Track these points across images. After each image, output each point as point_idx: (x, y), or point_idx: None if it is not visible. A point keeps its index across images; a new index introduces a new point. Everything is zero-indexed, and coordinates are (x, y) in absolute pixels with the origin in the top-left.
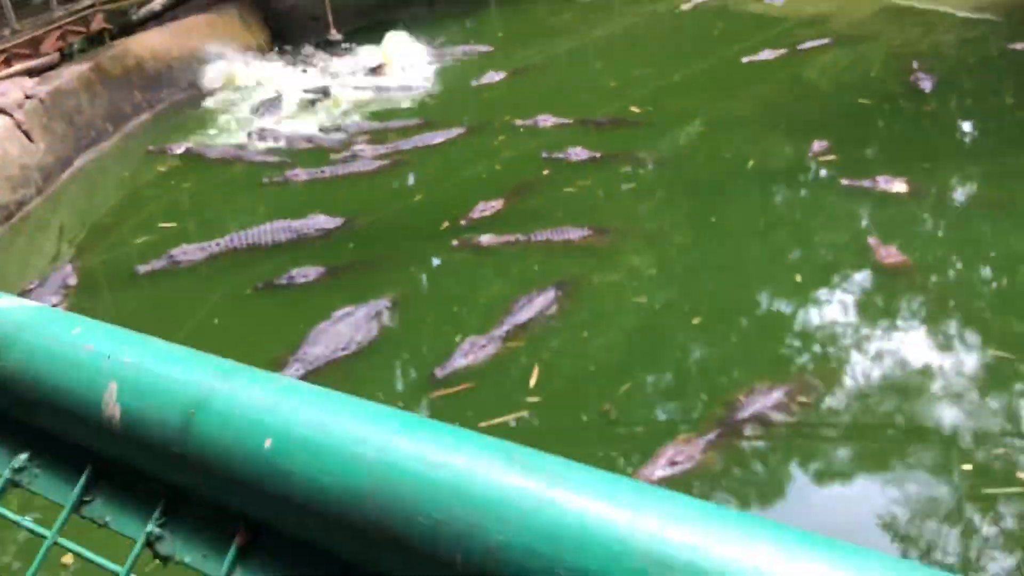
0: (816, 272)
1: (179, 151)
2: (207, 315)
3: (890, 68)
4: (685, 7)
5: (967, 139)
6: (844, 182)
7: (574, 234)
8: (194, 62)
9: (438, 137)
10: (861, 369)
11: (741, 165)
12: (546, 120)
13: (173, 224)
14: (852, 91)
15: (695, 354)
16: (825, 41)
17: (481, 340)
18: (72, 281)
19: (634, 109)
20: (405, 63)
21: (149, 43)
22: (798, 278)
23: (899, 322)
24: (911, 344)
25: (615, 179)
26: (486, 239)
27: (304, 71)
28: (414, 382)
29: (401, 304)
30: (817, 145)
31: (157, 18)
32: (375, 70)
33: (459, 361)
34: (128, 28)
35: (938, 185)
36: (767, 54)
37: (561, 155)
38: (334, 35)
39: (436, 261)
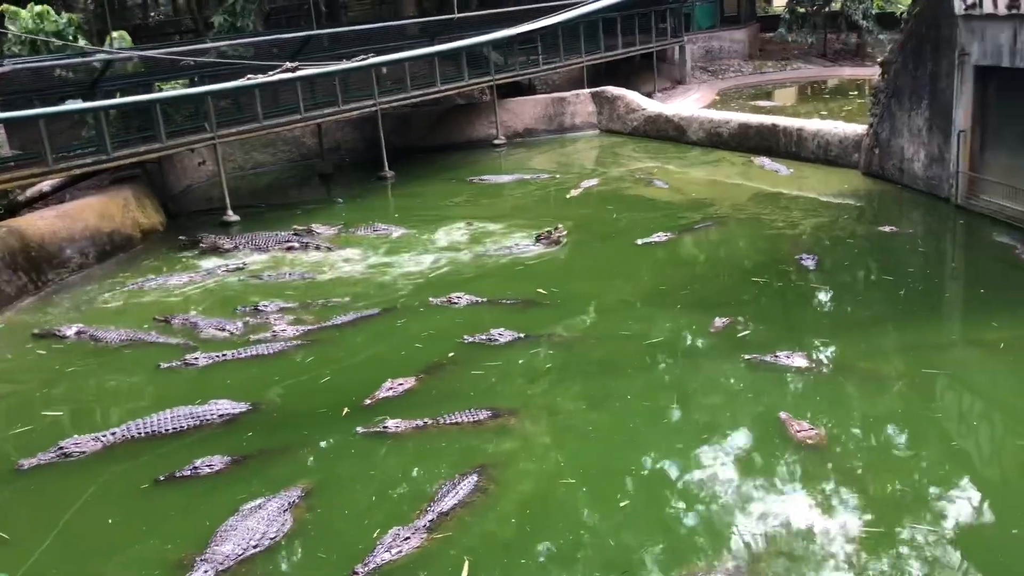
0: (737, 450)
1: (69, 333)
2: (101, 513)
3: (775, 248)
4: (574, 193)
5: (856, 316)
6: (747, 357)
7: (486, 415)
8: (86, 243)
9: (352, 316)
10: (803, 552)
11: (649, 342)
12: (460, 298)
13: (59, 412)
14: (744, 270)
15: (628, 539)
16: (712, 223)
17: (404, 531)
18: None
19: (540, 291)
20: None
21: (37, 224)
22: (721, 456)
23: (826, 498)
24: (842, 521)
25: (526, 359)
26: (393, 424)
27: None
28: None
29: (314, 494)
30: (719, 321)
31: (44, 199)
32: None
33: (382, 556)
34: (14, 208)
35: (835, 359)
36: (660, 236)
37: (473, 335)
38: (231, 216)
39: (348, 448)
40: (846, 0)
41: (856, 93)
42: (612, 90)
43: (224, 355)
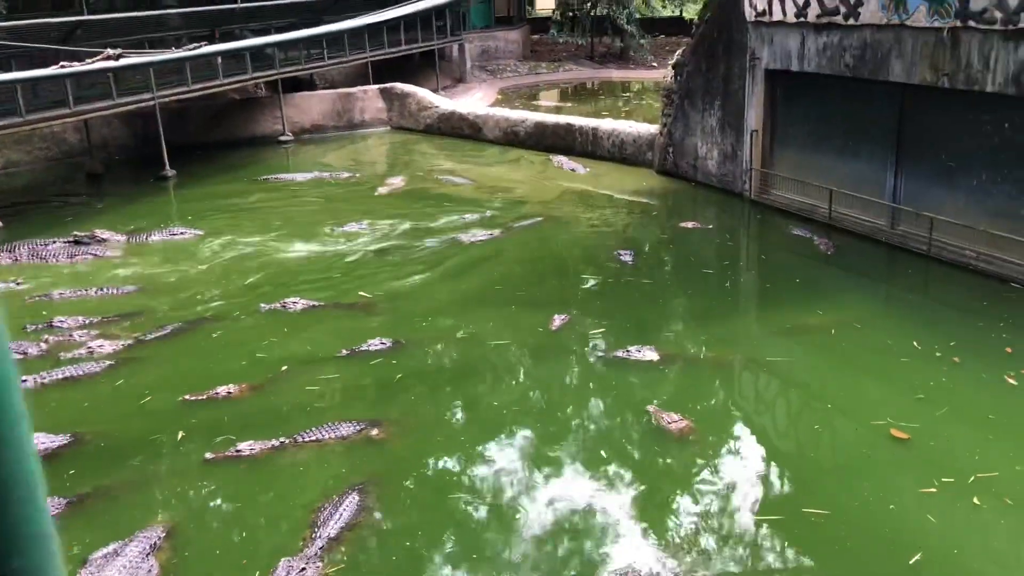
0: (619, 446)
1: None
2: None
3: (592, 244)
4: (382, 191)
5: (689, 308)
6: (599, 354)
7: (350, 430)
8: None
9: (170, 329)
10: (720, 549)
11: (494, 344)
12: (295, 303)
13: None
14: (568, 267)
15: (530, 548)
16: (531, 221)
17: (297, 562)
18: None
19: (363, 294)
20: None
21: None
22: (605, 454)
23: (704, 485)
24: (742, 507)
25: (370, 368)
26: (246, 446)
27: None
28: None
29: (176, 533)
30: (557, 319)
31: None
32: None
33: None
34: None
35: (682, 351)
36: (483, 234)
37: (351, 347)
38: None
39: (200, 476)
40: (612, 5)
41: (629, 94)
42: (402, 87)
43: (24, 381)
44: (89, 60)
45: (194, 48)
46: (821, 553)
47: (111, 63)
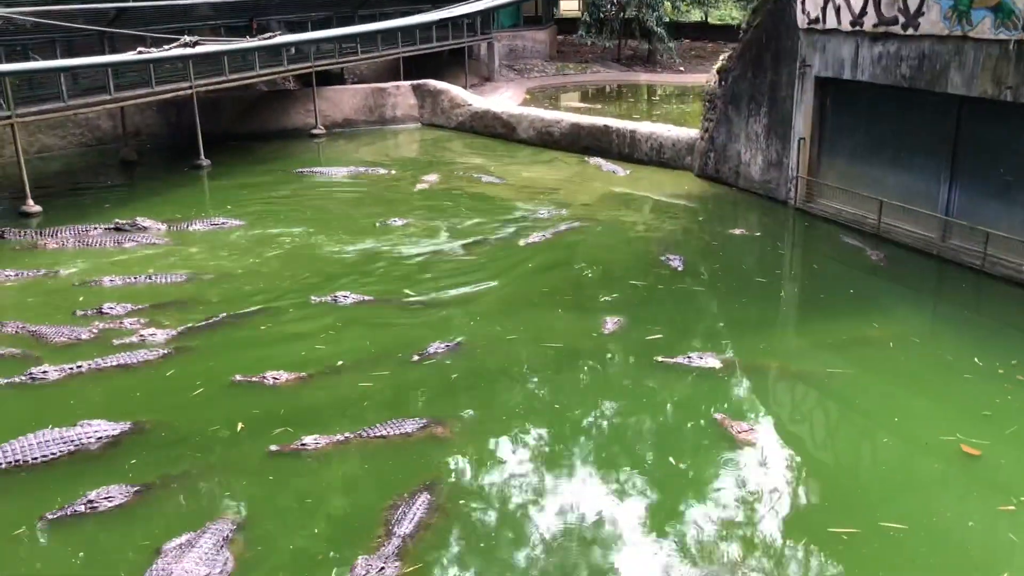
0: (690, 454)
1: None
2: None
3: (640, 249)
4: (421, 186)
5: (745, 316)
6: (659, 359)
7: (414, 427)
8: None
9: (220, 318)
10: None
11: (549, 346)
12: (345, 297)
13: None
14: (616, 270)
15: (603, 550)
16: (575, 223)
17: (375, 561)
18: None
19: (409, 292)
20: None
21: None
22: (678, 461)
23: (792, 496)
24: (807, 517)
25: (426, 366)
26: (312, 440)
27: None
28: None
29: (248, 526)
30: (610, 323)
31: None
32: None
33: None
34: None
35: (744, 359)
36: (536, 236)
37: (410, 352)
38: (31, 206)
39: (266, 470)
40: (641, 8)
41: (658, 98)
42: (435, 84)
43: (79, 366)
44: (166, 47)
45: (267, 37)
46: (904, 568)
47: (188, 50)
